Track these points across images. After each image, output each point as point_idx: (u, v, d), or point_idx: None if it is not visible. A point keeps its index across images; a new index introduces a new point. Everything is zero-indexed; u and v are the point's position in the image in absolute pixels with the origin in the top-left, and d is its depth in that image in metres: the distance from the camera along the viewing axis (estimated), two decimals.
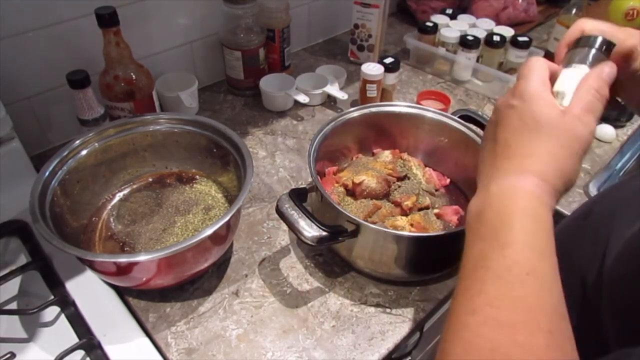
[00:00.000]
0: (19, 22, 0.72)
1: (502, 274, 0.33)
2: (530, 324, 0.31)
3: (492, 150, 0.41)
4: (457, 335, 0.33)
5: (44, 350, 0.56)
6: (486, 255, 0.35)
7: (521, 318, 0.31)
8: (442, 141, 0.77)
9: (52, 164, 0.63)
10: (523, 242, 0.34)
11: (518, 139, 0.39)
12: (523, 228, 0.35)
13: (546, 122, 0.38)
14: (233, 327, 0.60)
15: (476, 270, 0.35)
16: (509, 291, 0.32)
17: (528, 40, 1.04)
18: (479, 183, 0.42)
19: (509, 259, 0.34)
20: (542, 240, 0.35)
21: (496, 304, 0.32)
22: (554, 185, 0.38)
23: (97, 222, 0.69)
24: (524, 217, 0.35)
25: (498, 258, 0.34)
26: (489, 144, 0.42)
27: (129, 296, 0.62)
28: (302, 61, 1.15)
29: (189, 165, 0.76)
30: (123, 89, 0.75)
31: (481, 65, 1.06)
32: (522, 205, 0.36)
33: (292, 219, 0.57)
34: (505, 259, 0.34)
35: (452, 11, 1.17)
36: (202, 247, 0.58)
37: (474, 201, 0.40)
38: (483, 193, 0.39)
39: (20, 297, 0.62)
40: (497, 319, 0.32)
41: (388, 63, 0.94)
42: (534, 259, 0.34)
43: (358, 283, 0.66)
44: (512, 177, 0.38)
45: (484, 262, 0.35)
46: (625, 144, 0.93)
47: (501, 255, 0.34)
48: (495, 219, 0.36)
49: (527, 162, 0.38)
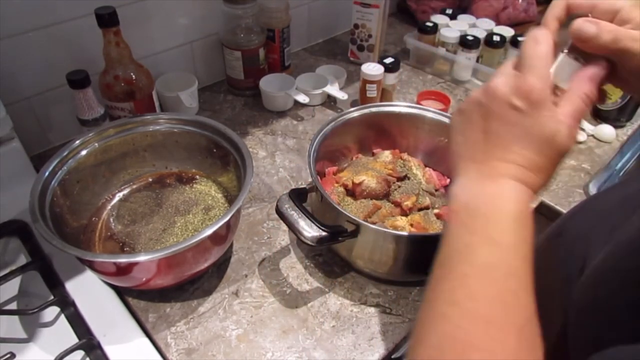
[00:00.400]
0: (19, 22, 0.72)
1: (487, 271, 0.34)
2: (505, 321, 0.32)
3: (485, 142, 0.40)
4: (435, 324, 0.34)
5: (44, 351, 0.56)
6: (474, 250, 0.36)
7: (498, 314, 0.33)
8: (442, 141, 0.77)
9: (52, 164, 0.63)
10: (513, 245, 0.35)
11: (517, 146, 0.38)
12: (514, 232, 0.36)
13: (548, 136, 0.38)
14: (233, 327, 0.60)
15: (460, 262, 0.36)
16: (491, 288, 0.34)
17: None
18: (464, 170, 0.41)
19: (496, 257, 0.35)
20: (527, 248, 0.36)
21: (477, 298, 0.33)
22: (539, 193, 0.39)
23: (97, 222, 0.69)
24: (516, 222, 0.36)
25: (486, 255, 0.35)
26: (479, 134, 0.40)
27: (129, 296, 0.62)
28: (302, 61, 1.15)
29: (189, 165, 0.76)
30: (123, 89, 0.75)
31: (481, 65, 1.06)
32: (516, 210, 0.37)
33: (292, 219, 0.57)
34: (493, 256, 0.35)
35: (452, 11, 1.17)
36: (202, 247, 0.58)
37: (463, 190, 0.40)
38: (477, 186, 0.39)
39: (20, 297, 0.62)
40: (477, 313, 0.33)
41: (388, 63, 0.94)
42: (518, 262, 0.35)
43: (358, 283, 0.66)
44: (510, 181, 0.38)
45: (471, 257, 0.35)
46: (625, 144, 0.93)
47: (489, 253, 0.35)
48: (489, 217, 0.37)
49: (526, 172, 0.38)
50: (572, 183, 0.84)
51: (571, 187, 0.83)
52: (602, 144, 0.93)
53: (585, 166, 0.88)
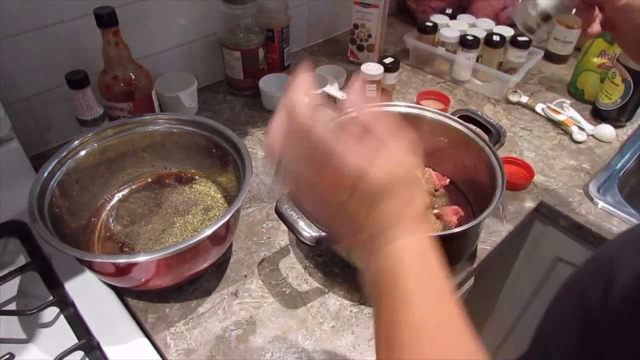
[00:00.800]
0: (18, 22, 0.72)
1: (414, 334, 0.33)
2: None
3: (360, 212, 0.36)
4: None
5: (43, 351, 0.56)
6: (395, 319, 0.35)
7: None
8: (442, 141, 0.77)
9: (51, 164, 0.62)
10: (423, 298, 0.34)
11: (377, 210, 0.36)
12: (418, 285, 0.34)
13: (358, 182, 0.35)
14: (232, 327, 0.60)
15: (391, 334, 0.35)
16: (427, 347, 0.33)
17: (528, 40, 1.04)
18: (360, 245, 0.38)
19: (416, 317, 0.34)
20: (437, 288, 0.35)
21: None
22: (421, 218, 0.37)
23: (96, 222, 0.68)
24: (415, 274, 0.35)
25: (406, 320, 0.34)
26: (346, 221, 0.38)
27: (128, 297, 0.62)
28: (301, 61, 1.15)
29: (188, 166, 0.76)
30: (122, 89, 0.75)
31: (481, 65, 1.06)
32: (409, 260, 0.35)
33: (291, 219, 0.56)
34: (413, 318, 0.34)
35: (452, 11, 1.17)
36: (201, 248, 0.58)
37: (367, 267, 0.38)
38: (373, 258, 0.37)
39: (20, 297, 0.62)
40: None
41: (388, 63, 0.94)
42: (436, 312, 0.34)
43: (357, 283, 0.65)
44: (391, 234, 0.35)
45: (395, 328, 0.34)
46: (625, 144, 0.93)
47: (408, 317, 0.34)
48: (390, 282, 0.35)
49: (393, 218, 0.36)
50: (572, 183, 0.84)
51: (571, 187, 0.83)
52: (602, 144, 0.93)
53: (585, 166, 0.88)
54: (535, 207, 0.80)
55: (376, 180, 0.35)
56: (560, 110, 0.99)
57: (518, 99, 1.03)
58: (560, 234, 0.83)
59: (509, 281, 1.01)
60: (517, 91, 1.04)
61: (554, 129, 0.97)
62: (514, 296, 1.02)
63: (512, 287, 1.01)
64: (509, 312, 1.05)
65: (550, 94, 1.07)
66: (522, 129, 0.97)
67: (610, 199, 0.80)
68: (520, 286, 0.99)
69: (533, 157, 0.89)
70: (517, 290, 1.00)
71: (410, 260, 0.35)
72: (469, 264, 0.69)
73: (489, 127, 0.77)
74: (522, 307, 1.02)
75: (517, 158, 0.86)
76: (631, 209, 0.78)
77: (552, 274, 0.91)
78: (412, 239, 0.36)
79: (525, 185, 0.82)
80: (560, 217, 0.80)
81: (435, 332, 0.33)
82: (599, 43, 0.99)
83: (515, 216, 0.77)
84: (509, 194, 0.81)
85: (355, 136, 0.36)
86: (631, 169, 0.90)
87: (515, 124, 0.98)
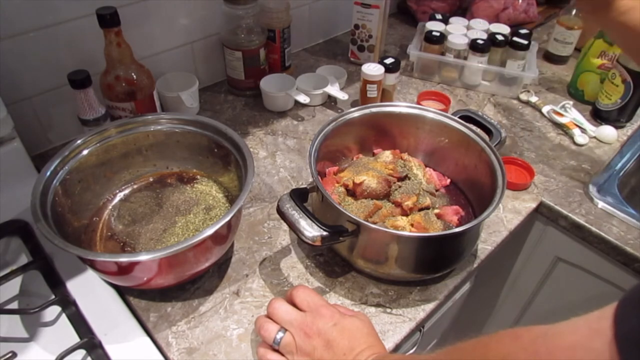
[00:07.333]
0: (21, 22, 0.72)
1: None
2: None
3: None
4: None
5: (45, 350, 0.56)
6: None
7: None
8: (443, 141, 0.77)
9: (54, 163, 0.63)
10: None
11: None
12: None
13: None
14: (234, 326, 0.60)
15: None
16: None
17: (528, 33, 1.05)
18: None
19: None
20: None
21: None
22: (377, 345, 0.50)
23: (98, 222, 0.69)
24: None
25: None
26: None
27: (130, 296, 0.63)
28: (302, 61, 1.15)
29: (190, 165, 0.76)
30: (124, 89, 0.75)
31: (491, 67, 1.05)
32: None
33: (292, 219, 0.57)
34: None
35: (442, 16, 1.15)
36: (203, 247, 0.58)
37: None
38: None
39: (21, 296, 0.62)
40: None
41: (388, 63, 0.94)
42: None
43: (358, 283, 0.66)
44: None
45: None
46: (625, 144, 0.94)
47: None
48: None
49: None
50: (572, 183, 0.84)
51: (571, 187, 0.83)
52: (602, 145, 0.94)
53: (585, 166, 0.88)
54: (535, 207, 0.80)
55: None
56: (563, 112, 0.99)
57: (529, 98, 1.03)
58: (560, 234, 0.83)
59: (509, 281, 1.01)
60: (530, 91, 1.05)
61: (554, 129, 0.97)
62: (514, 296, 1.02)
63: (512, 287, 1.01)
64: (509, 312, 1.05)
65: (550, 94, 1.08)
66: (522, 129, 0.97)
67: (610, 199, 0.80)
68: (521, 286, 0.99)
69: (533, 158, 0.89)
70: (517, 290, 1.01)
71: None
72: (469, 263, 0.69)
73: (489, 128, 0.77)
74: (522, 307, 1.02)
75: (517, 158, 0.87)
76: (631, 209, 0.79)
77: (552, 274, 0.92)
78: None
79: (526, 185, 0.83)
80: (560, 217, 0.80)
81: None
82: (599, 44, 1.00)
83: (515, 216, 0.77)
84: (509, 193, 0.81)
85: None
86: (631, 169, 0.91)
87: (515, 124, 0.98)
